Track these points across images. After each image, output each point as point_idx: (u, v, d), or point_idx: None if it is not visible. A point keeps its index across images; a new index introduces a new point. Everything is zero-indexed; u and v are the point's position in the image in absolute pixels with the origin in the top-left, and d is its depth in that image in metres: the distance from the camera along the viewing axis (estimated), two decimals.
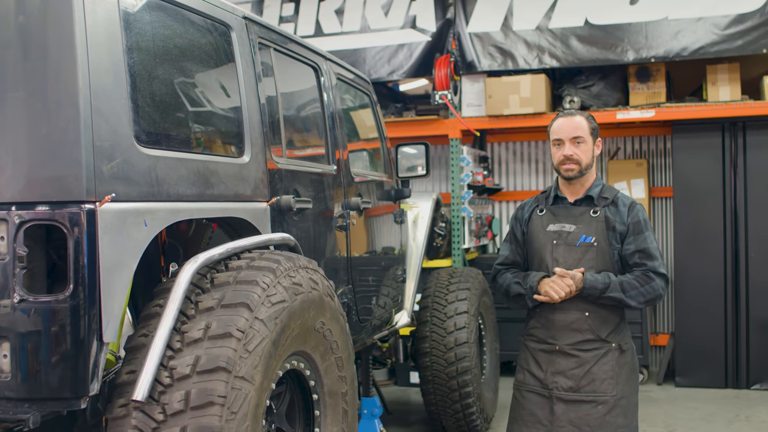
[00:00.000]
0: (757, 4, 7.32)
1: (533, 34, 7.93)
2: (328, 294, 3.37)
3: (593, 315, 3.79)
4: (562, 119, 3.85)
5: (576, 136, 3.79)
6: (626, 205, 3.85)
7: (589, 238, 3.80)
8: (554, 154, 3.87)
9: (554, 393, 3.80)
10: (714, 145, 7.82)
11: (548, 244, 3.87)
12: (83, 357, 2.51)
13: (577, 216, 3.86)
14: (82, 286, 2.50)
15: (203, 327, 2.68)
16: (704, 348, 7.79)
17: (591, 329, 3.79)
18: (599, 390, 3.76)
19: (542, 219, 3.93)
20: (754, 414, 6.82)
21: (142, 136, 2.81)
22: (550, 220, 3.90)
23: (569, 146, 3.80)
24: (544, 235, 3.89)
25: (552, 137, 3.87)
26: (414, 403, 7.57)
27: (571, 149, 3.80)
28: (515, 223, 4.09)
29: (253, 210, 3.43)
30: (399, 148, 5.65)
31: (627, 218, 3.81)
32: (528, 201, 4.10)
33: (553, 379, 3.82)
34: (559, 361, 3.82)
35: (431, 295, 6.06)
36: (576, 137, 3.79)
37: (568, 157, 3.79)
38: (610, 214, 3.81)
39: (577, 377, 3.77)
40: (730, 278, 7.75)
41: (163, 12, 3.08)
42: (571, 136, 3.79)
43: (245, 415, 2.64)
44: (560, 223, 3.87)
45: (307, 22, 8.58)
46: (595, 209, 3.83)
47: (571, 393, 3.77)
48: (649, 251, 3.80)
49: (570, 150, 3.80)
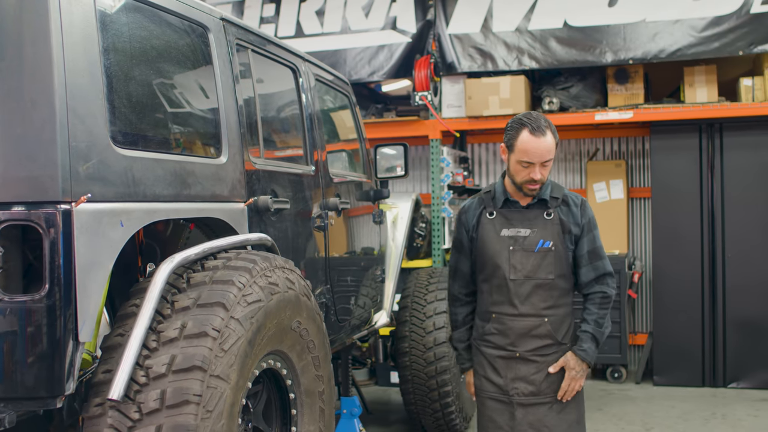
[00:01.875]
0: (733, 6, 7.40)
1: (513, 35, 7.98)
2: (305, 293, 3.39)
3: (551, 318, 3.68)
4: (534, 140, 3.52)
5: (547, 159, 3.56)
6: (577, 204, 3.73)
7: (546, 242, 3.65)
8: (518, 171, 3.60)
9: (515, 399, 3.69)
10: (691, 146, 7.89)
11: (504, 250, 3.67)
12: (59, 356, 2.52)
13: (531, 219, 3.69)
14: (57, 286, 2.52)
15: (179, 326, 2.70)
16: (682, 347, 7.86)
17: (550, 334, 3.67)
18: (556, 390, 3.69)
19: (494, 223, 3.72)
20: (729, 412, 6.90)
21: (119, 137, 2.82)
22: (503, 225, 3.70)
23: (539, 170, 3.56)
24: (499, 241, 3.69)
25: (520, 157, 3.56)
26: (394, 402, 7.60)
27: (541, 173, 3.57)
28: (460, 228, 3.85)
29: (231, 210, 3.45)
30: (378, 149, 5.67)
31: (581, 219, 3.71)
32: (470, 203, 3.85)
33: (514, 385, 3.70)
34: (519, 367, 3.69)
35: (411, 295, 6.09)
36: (547, 161, 3.56)
37: (536, 180, 3.58)
38: (563, 216, 3.69)
39: (538, 382, 3.68)
40: (708, 278, 7.82)
41: (139, 13, 3.09)
42: (543, 160, 3.55)
43: (221, 414, 2.66)
44: (515, 227, 3.69)
45: (287, 22, 8.59)
46: (549, 212, 3.68)
47: (531, 397, 3.68)
48: (599, 251, 3.73)
49: (539, 174, 3.56)
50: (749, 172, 7.73)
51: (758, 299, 7.67)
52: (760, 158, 7.71)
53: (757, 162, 7.71)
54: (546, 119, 3.60)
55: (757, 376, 7.69)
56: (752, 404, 7.15)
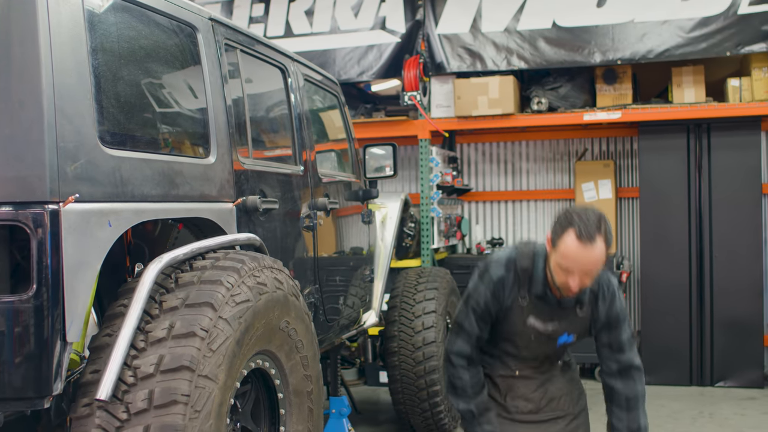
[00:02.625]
0: (721, 7, 7.43)
1: (502, 35, 8.00)
2: (293, 293, 3.39)
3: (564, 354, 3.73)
4: (579, 248, 3.16)
5: (592, 270, 3.25)
6: (606, 299, 3.50)
7: (570, 336, 3.54)
8: (557, 272, 3.31)
9: (516, 417, 3.63)
10: (679, 147, 7.93)
11: (525, 336, 3.54)
12: (47, 357, 2.52)
13: (561, 314, 3.51)
14: (45, 287, 2.51)
15: (167, 326, 2.70)
16: (670, 347, 7.90)
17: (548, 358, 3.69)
18: (558, 408, 3.65)
19: (524, 311, 3.50)
20: (717, 411, 6.93)
21: (107, 137, 2.82)
22: (531, 313, 3.49)
23: (579, 279, 3.25)
24: (523, 327, 3.52)
25: (560, 261, 3.24)
26: (383, 402, 7.60)
27: (582, 283, 3.27)
28: (492, 301, 3.51)
29: (219, 210, 3.45)
30: (366, 149, 5.68)
31: (604, 315, 3.52)
32: (505, 277, 3.49)
33: (514, 403, 3.64)
34: (518, 385, 3.64)
35: (399, 294, 6.10)
36: (591, 272, 3.25)
37: (574, 291, 3.31)
38: (592, 309, 3.52)
39: (537, 399, 3.63)
40: (695, 278, 7.86)
41: (128, 13, 3.09)
42: (586, 271, 3.23)
43: (209, 414, 2.66)
44: (543, 322, 3.50)
45: (277, 22, 8.58)
46: (582, 308, 3.50)
47: (531, 415, 3.62)
48: (623, 345, 3.55)
49: (578, 285, 3.27)
50: (736, 173, 7.77)
51: (745, 299, 7.72)
52: (748, 159, 7.76)
53: (744, 162, 7.76)
54: (601, 220, 3.21)
55: (744, 375, 7.74)
56: (739, 403, 7.19)
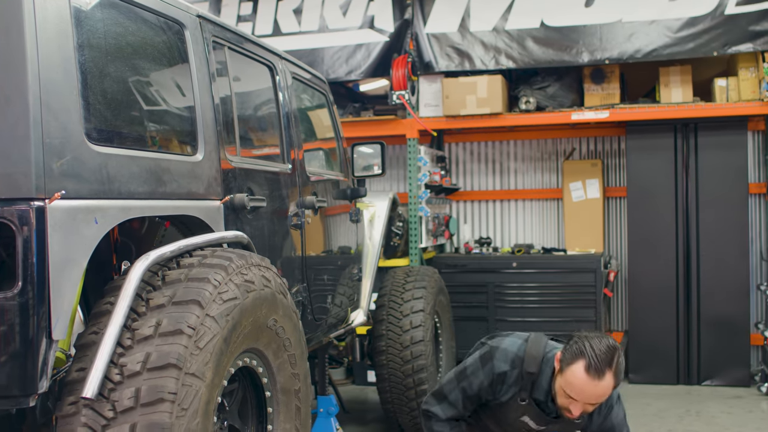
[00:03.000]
0: (708, 7, 7.46)
1: (490, 35, 8.00)
2: (281, 291, 3.38)
3: None
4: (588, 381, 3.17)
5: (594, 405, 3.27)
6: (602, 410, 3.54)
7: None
8: (560, 394, 3.31)
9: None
10: (666, 146, 7.96)
11: (515, 428, 3.58)
12: (32, 355, 2.50)
13: (557, 420, 3.55)
14: (31, 284, 2.49)
15: (154, 324, 2.69)
16: (657, 345, 7.92)
17: None
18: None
19: (520, 409, 3.53)
20: (704, 409, 6.96)
21: (93, 134, 2.80)
22: (526, 412, 3.52)
23: (582, 407, 3.26)
24: (516, 421, 3.54)
25: (566, 387, 3.24)
26: (371, 401, 7.60)
27: (582, 410, 3.28)
28: (488, 390, 3.54)
29: (206, 208, 3.44)
30: (355, 147, 5.67)
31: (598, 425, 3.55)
32: (510, 373, 3.48)
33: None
34: None
35: (388, 293, 6.09)
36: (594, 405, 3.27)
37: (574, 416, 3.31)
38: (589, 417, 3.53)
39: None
40: (682, 277, 7.89)
41: (115, 9, 3.07)
42: (591, 402, 3.25)
43: (196, 412, 2.65)
44: (537, 423, 3.53)
45: (265, 21, 8.56)
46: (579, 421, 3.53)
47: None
48: None
49: (579, 412, 3.28)
50: (723, 172, 7.80)
51: (732, 298, 7.75)
52: (734, 158, 7.80)
53: (731, 162, 7.79)
54: (615, 354, 3.25)
55: (730, 374, 7.77)
56: (726, 401, 7.22)
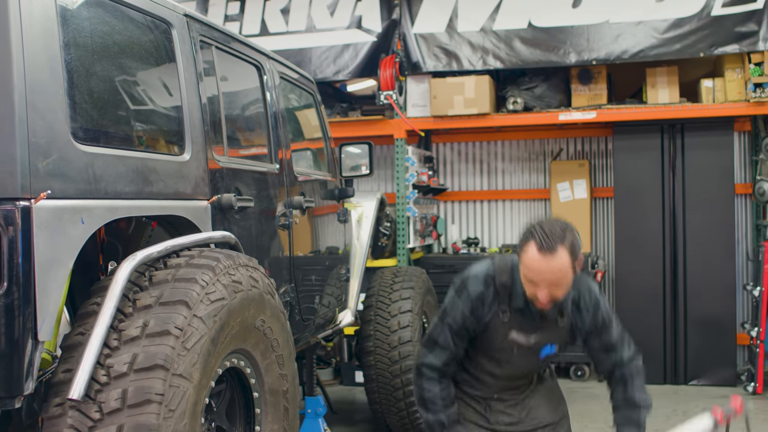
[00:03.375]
0: (694, 8, 7.49)
1: (478, 35, 8.01)
2: (269, 292, 3.37)
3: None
4: (540, 260, 3.09)
5: (557, 283, 3.13)
6: (589, 309, 3.41)
7: (552, 347, 3.43)
8: (526, 284, 3.23)
9: (496, 428, 3.53)
10: (653, 147, 7.98)
11: (506, 351, 3.43)
12: (18, 356, 2.48)
13: (543, 326, 3.40)
14: (16, 284, 2.47)
15: (141, 325, 2.67)
16: (644, 345, 7.86)
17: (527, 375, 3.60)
18: (538, 417, 3.55)
19: (505, 326, 3.39)
20: (691, 409, 6.98)
21: (80, 133, 2.79)
22: (513, 327, 3.39)
23: (547, 292, 3.15)
24: (504, 341, 3.40)
25: (525, 273, 3.18)
26: (359, 402, 7.59)
27: (550, 297, 3.17)
28: (470, 318, 3.40)
29: (194, 208, 3.42)
30: (342, 148, 5.66)
31: (589, 324, 3.43)
32: (485, 293, 3.38)
33: (495, 418, 3.54)
34: (496, 405, 3.56)
35: (375, 294, 6.08)
36: (556, 283, 3.14)
37: (543, 303, 3.20)
38: (574, 319, 3.41)
39: (517, 413, 3.55)
40: (669, 277, 7.92)
41: (101, 8, 3.05)
42: (550, 284, 3.13)
43: (183, 413, 2.63)
44: (526, 334, 3.39)
45: (252, 21, 8.55)
46: (563, 317, 3.40)
47: (511, 427, 3.53)
48: (613, 345, 3.50)
49: (547, 298, 3.16)
50: (710, 173, 7.84)
51: (718, 298, 7.78)
52: (721, 159, 7.83)
53: (717, 162, 7.82)
54: (566, 231, 3.13)
55: (716, 374, 7.81)
56: (712, 401, 7.23)
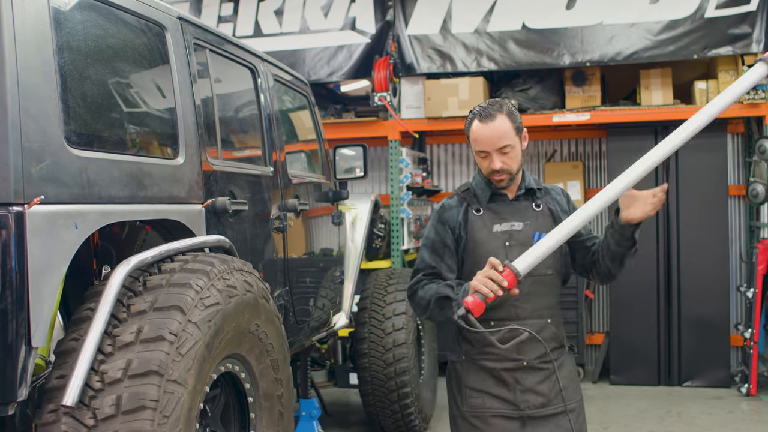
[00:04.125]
0: (688, 10, 7.51)
1: (472, 37, 8.01)
2: (264, 296, 3.35)
3: (554, 320, 3.31)
4: (482, 127, 3.22)
5: (502, 146, 3.23)
6: (559, 192, 3.47)
7: (543, 234, 3.18)
8: (480, 163, 3.31)
9: (526, 412, 3.25)
10: (647, 148, 7.70)
11: (500, 247, 3.26)
12: (11, 362, 2.46)
13: (521, 212, 3.34)
14: (9, 290, 2.46)
15: (135, 330, 2.66)
16: (638, 347, 7.95)
17: (555, 336, 3.31)
18: (567, 398, 3.28)
19: (483, 220, 3.32)
20: (684, 410, 6.99)
21: (73, 137, 2.77)
22: (493, 220, 3.31)
23: (497, 158, 3.23)
24: (493, 238, 3.29)
25: (475, 147, 3.27)
26: (353, 404, 7.58)
27: (500, 161, 3.24)
28: (442, 228, 3.37)
29: (188, 212, 3.41)
30: (337, 150, 5.65)
31: (567, 205, 3.42)
32: (449, 202, 3.42)
33: (524, 397, 3.25)
34: (526, 377, 3.26)
35: (370, 296, 6.08)
36: (502, 147, 3.23)
37: (497, 170, 3.25)
38: (551, 205, 3.39)
39: (547, 391, 3.27)
40: (663, 278, 7.93)
41: (95, 11, 3.04)
42: (497, 147, 3.22)
43: (178, 419, 2.62)
44: (507, 221, 3.30)
45: (246, 22, 8.53)
46: (538, 203, 3.36)
47: (542, 409, 3.26)
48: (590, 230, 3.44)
49: (498, 163, 3.24)
50: (703, 174, 7.85)
51: (712, 299, 7.80)
52: (714, 160, 7.84)
53: (711, 164, 7.84)
54: (503, 104, 3.30)
55: (710, 375, 7.82)
56: (706, 402, 7.25)
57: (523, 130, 3.34)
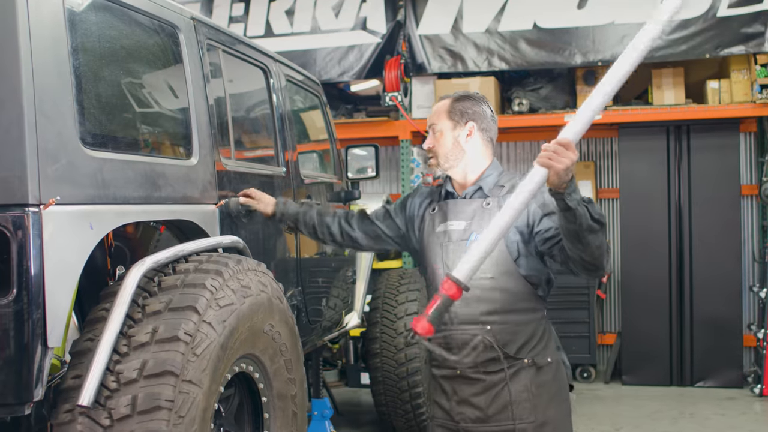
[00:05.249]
0: (700, 10, 7.48)
1: (483, 36, 8.00)
2: (277, 296, 3.36)
3: (495, 327, 3.00)
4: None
5: (431, 124, 3.18)
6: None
7: (479, 235, 2.88)
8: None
9: (461, 426, 3.07)
10: (659, 148, 7.97)
11: (437, 247, 3.13)
12: (27, 362, 2.47)
13: (467, 211, 3.11)
14: (26, 291, 2.46)
15: (150, 331, 2.66)
16: (650, 347, 7.93)
17: (492, 346, 2.99)
18: (517, 416, 3.01)
19: (433, 218, 3.20)
20: (698, 411, 6.97)
21: (88, 138, 2.78)
22: (440, 219, 3.17)
23: (429, 138, 3.21)
24: (434, 237, 3.16)
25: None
26: (365, 404, 7.58)
27: (429, 141, 3.20)
28: (400, 208, 3.39)
29: (202, 212, 3.41)
30: (349, 150, 5.66)
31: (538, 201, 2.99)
32: (423, 190, 3.38)
33: (459, 409, 3.08)
34: (462, 387, 3.07)
35: (381, 296, 6.07)
36: (431, 125, 3.19)
37: (426, 150, 3.23)
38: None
39: (485, 405, 3.03)
40: (675, 278, 7.90)
41: (109, 12, 3.04)
42: (428, 125, 3.21)
43: (193, 419, 2.62)
44: (449, 220, 3.13)
45: (257, 22, 8.54)
46: (487, 201, 3.08)
47: (479, 424, 3.04)
48: None
49: (428, 142, 3.20)
50: (716, 174, 7.83)
51: (725, 299, 7.77)
52: (727, 160, 7.82)
53: (723, 164, 7.82)
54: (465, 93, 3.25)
55: (723, 375, 7.78)
56: (719, 403, 7.22)
57: (469, 123, 3.12)
